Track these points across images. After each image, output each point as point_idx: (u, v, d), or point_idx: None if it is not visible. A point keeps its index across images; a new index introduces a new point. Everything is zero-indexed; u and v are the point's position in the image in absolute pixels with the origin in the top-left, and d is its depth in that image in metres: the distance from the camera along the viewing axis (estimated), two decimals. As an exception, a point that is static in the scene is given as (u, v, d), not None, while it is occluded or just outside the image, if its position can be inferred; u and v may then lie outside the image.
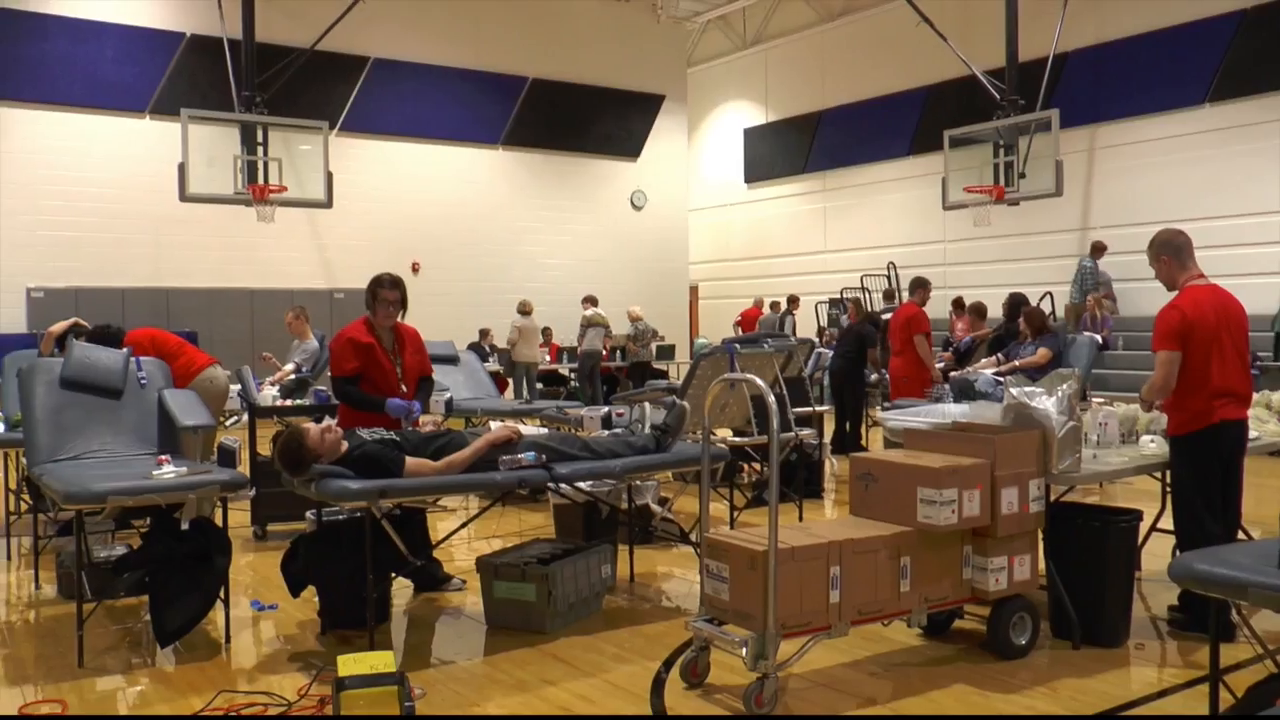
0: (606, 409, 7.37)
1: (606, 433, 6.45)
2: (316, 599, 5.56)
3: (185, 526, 5.03)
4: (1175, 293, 5.40)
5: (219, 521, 5.40)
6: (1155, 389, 5.31)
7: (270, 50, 15.92)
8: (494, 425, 6.12)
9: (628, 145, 23.34)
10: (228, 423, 12.11)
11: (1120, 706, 4.43)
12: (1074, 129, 16.74)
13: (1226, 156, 16.49)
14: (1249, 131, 16.25)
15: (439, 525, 7.86)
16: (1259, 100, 16.16)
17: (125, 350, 6.36)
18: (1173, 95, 17.16)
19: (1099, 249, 16.78)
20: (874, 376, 12.13)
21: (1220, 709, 3.73)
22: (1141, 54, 17.51)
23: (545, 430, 7.12)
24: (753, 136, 25.70)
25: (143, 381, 6.12)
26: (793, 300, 20.46)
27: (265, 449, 6.43)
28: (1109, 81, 17.87)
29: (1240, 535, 5.57)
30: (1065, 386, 5.26)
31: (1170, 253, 5.49)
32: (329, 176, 15.32)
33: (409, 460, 5.15)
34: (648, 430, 6.09)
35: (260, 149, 15.05)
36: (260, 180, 14.91)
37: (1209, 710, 3.78)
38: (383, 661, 4.10)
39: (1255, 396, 6.80)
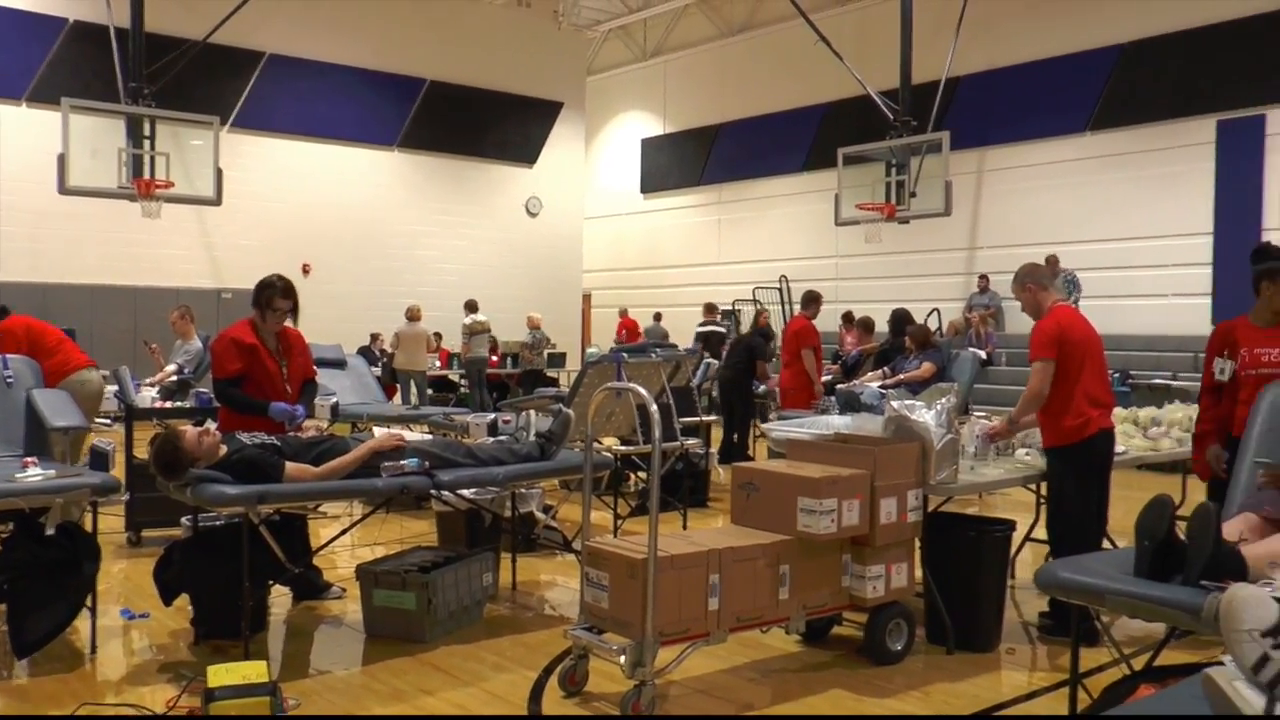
0: (492, 416, 7.32)
1: (491, 440, 6.41)
2: (190, 607, 5.41)
3: (50, 532, 4.86)
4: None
5: (89, 527, 5.23)
6: (1030, 397, 5.51)
7: (160, 41, 15.47)
8: (378, 431, 6.05)
9: (525, 151, 23.27)
10: (101, 424, 11.74)
11: (990, 709, 4.57)
12: (964, 151, 17.14)
13: (1106, 183, 17.09)
14: (1127, 160, 16.87)
15: (321, 532, 7.73)
16: (1135, 130, 16.82)
17: None
18: (1057, 122, 17.76)
19: (982, 283, 17.69)
20: (762, 388, 12.28)
21: (1079, 710, 3.85)
22: (1029, 82, 18.07)
23: (430, 437, 7.05)
24: (650, 147, 25.83)
25: (9, 380, 5.90)
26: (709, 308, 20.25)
27: (143, 452, 6.25)
28: (998, 107, 18.39)
29: (1106, 544, 5.77)
30: (944, 400, 5.41)
31: (1034, 281, 5.76)
32: (219, 173, 14.94)
33: (289, 465, 5.06)
34: (533, 438, 6.07)
35: (147, 142, 14.59)
36: (146, 175, 14.46)
37: (1068, 711, 3.90)
38: (255, 671, 4.02)
39: (1123, 413, 7.12)
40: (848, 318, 16.05)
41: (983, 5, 16.85)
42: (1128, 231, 16.71)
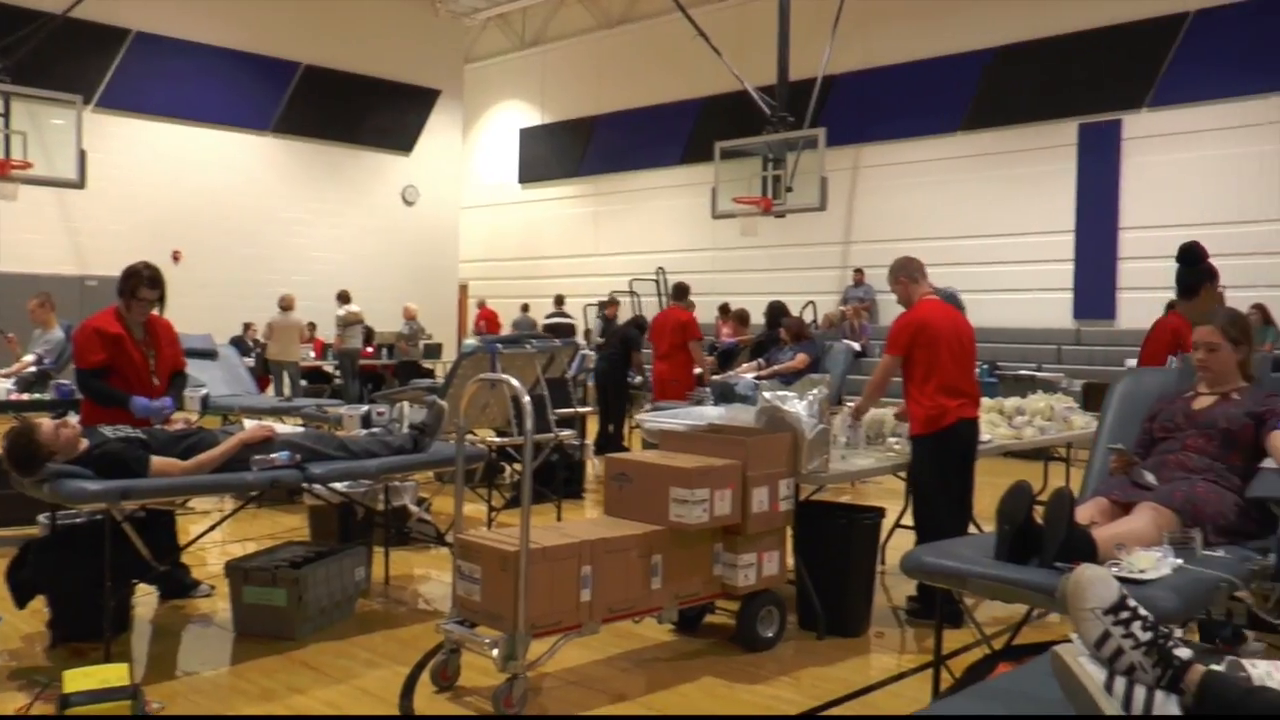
0: (366, 408, 7.21)
1: (365, 432, 6.33)
2: (47, 609, 5.20)
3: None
4: None
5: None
6: (869, 388, 5.94)
7: (15, 13, 14.88)
8: (249, 424, 5.91)
9: (402, 139, 22.96)
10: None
11: (857, 691, 4.68)
12: (840, 148, 17.46)
13: (976, 181, 17.63)
14: (995, 159, 17.45)
15: (190, 528, 7.52)
16: (1003, 131, 17.40)
17: None
18: (930, 122, 18.25)
19: (858, 277, 18.20)
20: (638, 379, 12.34)
21: (942, 689, 3.97)
22: (903, 82, 18.52)
23: (302, 429, 6.92)
24: (528, 137, 25.72)
25: None
26: (559, 300, 20.32)
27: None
28: (873, 105, 18.79)
29: (972, 529, 5.95)
30: (816, 391, 5.51)
31: (906, 275, 5.97)
32: (82, 154, 14.41)
33: (155, 460, 4.89)
34: (406, 430, 6.01)
35: (2, 120, 14.02)
36: (1, 154, 13.90)
37: (931, 690, 4.02)
38: (115, 675, 3.90)
39: (989, 403, 7.35)
40: (724, 309, 16.22)
41: (859, 6, 17.15)
42: (996, 228, 17.27)
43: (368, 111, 22.19)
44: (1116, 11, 16.08)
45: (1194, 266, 6.02)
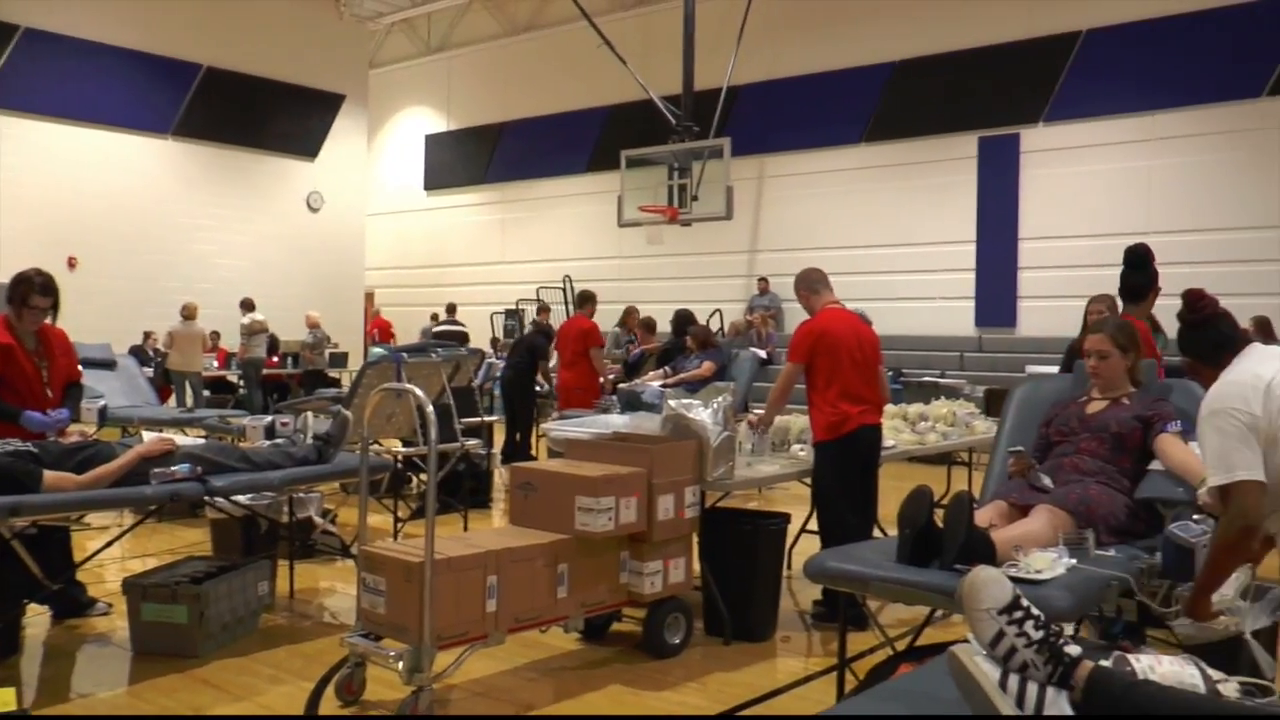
0: (270, 418, 7.08)
1: (268, 443, 6.21)
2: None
3: None
4: None
5: None
6: (772, 396, 5.96)
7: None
8: (148, 436, 5.76)
9: (306, 144, 22.57)
10: None
11: (764, 695, 4.72)
12: (745, 157, 17.61)
13: (880, 192, 17.92)
14: (898, 171, 17.75)
15: (86, 544, 7.31)
16: (906, 143, 17.71)
17: None
18: (834, 133, 18.48)
19: (763, 285, 18.42)
20: (545, 387, 12.31)
21: (847, 690, 4.02)
22: (807, 93, 18.74)
23: (204, 441, 6.78)
24: (434, 144, 25.52)
25: None
26: (451, 308, 20.05)
27: None
28: (778, 116, 18.98)
29: (877, 534, 6.05)
30: (721, 399, 5.55)
31: (807, 286, 6.09)
32: (-34, 158, 13.96)
33: (48, 474, 4.73)
34: (310, 441, 5.92)
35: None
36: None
37: (836, 693, 4.07)
38: (2, 700, 3.76)
39: (893, 409, 7.48)
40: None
41: (764, 18, 17.37)
42: (900, 238, 17.57)
43: (271, 116, 21.76)
44: (1014, 29, 16.49)
45: (1142, 269, 6.13)
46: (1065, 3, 16.05)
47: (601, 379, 10.86)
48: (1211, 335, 3.21)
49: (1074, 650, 2.22)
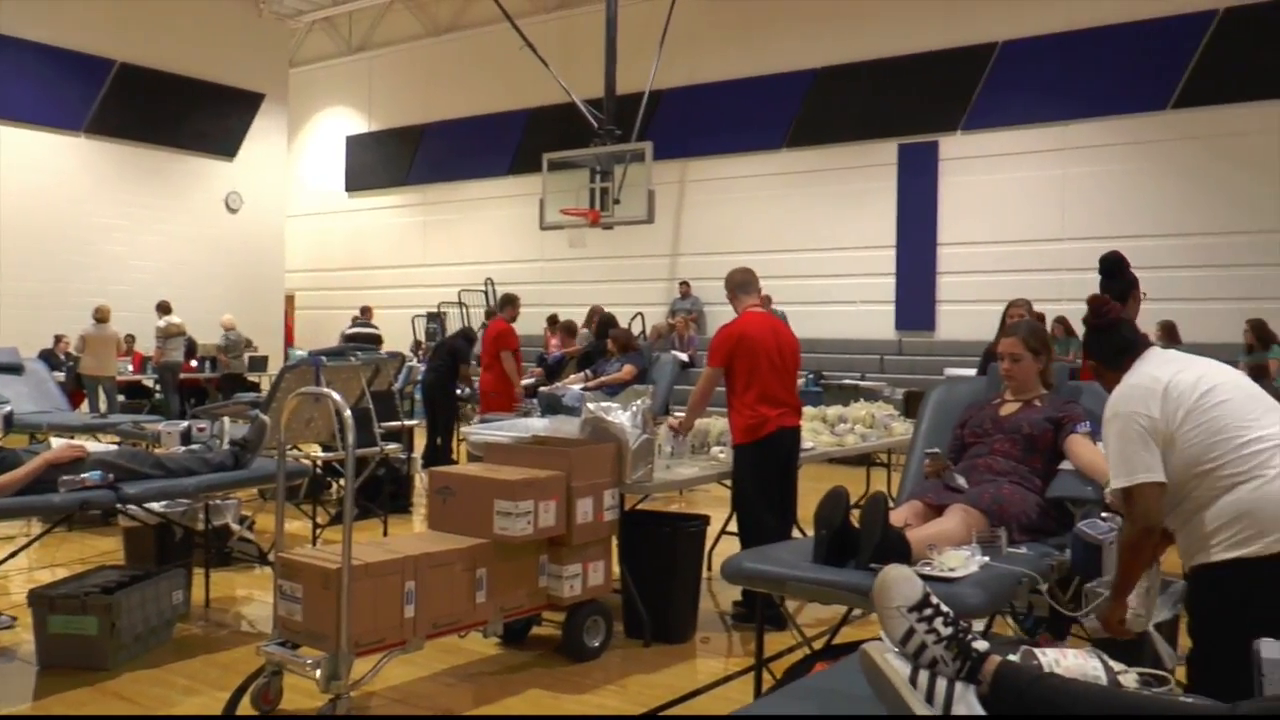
0: (186, 424, 6.95)
1: (183, 449, 6.10)
2: None
3: None
4: None
5: None
6: (692, 400, 6.00)
7: None
8: (57, 443, 5.62)
9: (224, 144, 22.17)
10: None
11: (683, 696, 4.74)
12: (667, 161, 17.66)
13: (801, 197, 18.10)
14: (819, 176, 17.97)
15: (-11, 552, 7.13)
16: (827, 149, 17.93)
17: None
18: (755, 138, 18.65)
19: (684, 289, 18.53)
20: (466, 391, 12.22)
21: (764, 689, 4.05)
22: (729, 99, 18.87)
23: (117, 447, 6.63)
24: (355, 144, 25.23)
25: None
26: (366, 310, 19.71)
27: None
28: (700, 121, 19.09)
29: (796, 534, 6.10)
30: (640, 402, 5.56)
31: (733, 287, 6.14)
32: None
33: (-53, 482, 4.63)
34: (226, 446, 5.82)
35: None
36: None
37: (754, 692, 4.10)
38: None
39: (813, 411, 7.55)
40: (552, 320, 16.19)
41: (686, 23, 17.44)
42: (821, 242, 17.77)
43: (188, 114, 21.31)
44: (933, 39, 16.78)
45: (1117, 277, 6.21)
46: (983, 14, 16.39)
47: (515, 385, 10.75)
48: (1114, 340, 3.29)
49: (981, 646, 2.26)
